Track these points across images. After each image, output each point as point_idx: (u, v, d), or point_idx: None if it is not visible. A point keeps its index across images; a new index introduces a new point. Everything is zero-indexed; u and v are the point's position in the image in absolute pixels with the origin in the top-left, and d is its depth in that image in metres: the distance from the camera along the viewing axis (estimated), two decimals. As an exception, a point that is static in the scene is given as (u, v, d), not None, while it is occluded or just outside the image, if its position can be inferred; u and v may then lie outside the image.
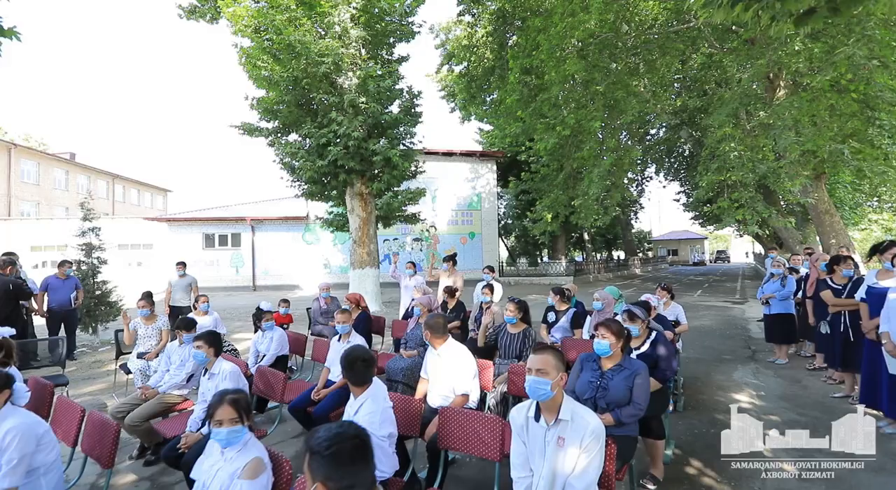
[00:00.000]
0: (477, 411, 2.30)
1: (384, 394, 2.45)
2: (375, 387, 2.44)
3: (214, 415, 1.92)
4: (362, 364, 2.39)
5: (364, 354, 2.45)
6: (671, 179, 28.37)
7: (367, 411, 2.29)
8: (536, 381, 1.89)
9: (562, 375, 1.92)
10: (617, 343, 2.60)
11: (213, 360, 3.01)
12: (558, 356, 1.96)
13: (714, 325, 9.36)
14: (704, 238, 59.28)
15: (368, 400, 2.35)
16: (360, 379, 2.40)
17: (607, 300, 4.70)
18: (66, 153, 36.09)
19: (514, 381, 3.31)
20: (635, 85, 13.96)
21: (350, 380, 2.42)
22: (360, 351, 2.47)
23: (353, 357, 2.41)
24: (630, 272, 31.15)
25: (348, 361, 2.39)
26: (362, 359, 2.41)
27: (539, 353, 1.94)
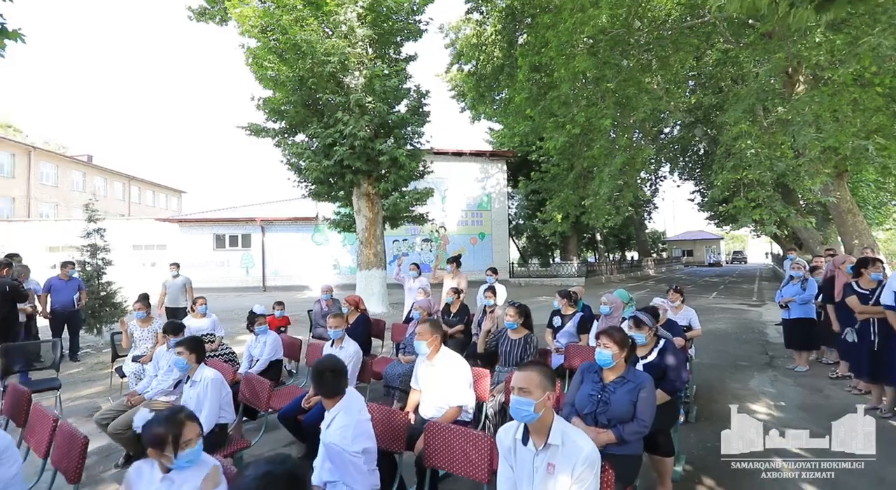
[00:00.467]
0: (465, 428, 2.12)
1: (359, 405, 2.29)
2: (349, 398, 2.28)
3: (182, 436, 1.71)
4: (331, 375, 2.23)
5: (333, 364, 2.29)
6: (685, 179, 27.80)
7: (339, 425, 2.13)
8: (519, 401, 1.71)
9: (549, 395, 1.73)
10: (620, 353, 2.40)
11: (195, 366, 2.89)
12: (545, 373, 1.78)
13: (730, 329, 9.03)
14: (720, 238, 58.17)
15: (341, 413, 2.20)
16: (330, 390, 2.25)
17: (615, 304, 4.49)
18: (83, 156, 36.76)
19: (510, 389, 3.12)
20: (647, 82, 13.62)
21: (320, 392, 2.27)
22: (329, 361, 2.31)
23: (322, 367, 2.25)
24: (643, 273, 30.61)
25: (317, 372, 2.24)
26: (331, 369, 2.25)
27: (523, 369, 1.76)
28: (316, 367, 2.25)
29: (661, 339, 3.01)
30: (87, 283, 7.61)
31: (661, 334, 3.10)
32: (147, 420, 1.79)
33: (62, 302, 6.77)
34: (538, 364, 1.80)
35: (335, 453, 2.04)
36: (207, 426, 2.71)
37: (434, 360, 2.89)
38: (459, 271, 6.82)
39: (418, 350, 2.90)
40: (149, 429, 1.71)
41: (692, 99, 17.49)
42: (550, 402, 1.74)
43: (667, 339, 3.01)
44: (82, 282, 7.18)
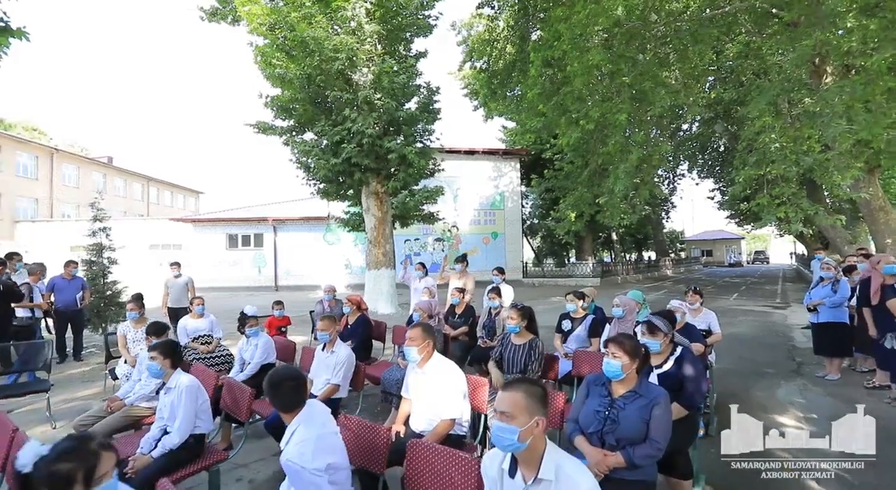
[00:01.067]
0: (448, 449, 1.87)
1: (323, 418, 2.07)
2: (310, 410, 2.05)
3: (96, 470, 1.39)
4: (291, 385, 2.00)
5: (290, 374, 2.05)
6: (705, 177, 27.04)
7: (298, 440, 1.91)
8: (500, 428, 1.46)
9: (538, 420, 1.47)
10: (631, 364, 2.12)
11: (170, 372, 2.69)
12: (534, 394, 1.51)
13: (752, 332, 8.58)
14: (741, 238, 56.57)
15: (301, 426, 1.97)
16: (286, 402, 2.01)
17: (629, 306, 4.18)
18: (104, 157, 37.52)
19: None
20: (665, 76, 13.16)
21: (275, 404, 2.04)
22: (285, 371, 2.08)
23: (278, 378, 2.02)
24: (661, 274, 29.88)
25: (271, 383, 2.01)
26: (290, 378, 2.02)
27: (507, 389, 1.50)
28: (271, 378, 2.02)
29: (678, 346, 2.71)
30: (91, 283, 7.57)
31: (678, 341, 2.80)
32: (41, 456, 1.35)
33: (65, 301, 6.72)
34: (526, 382, 1.54)
35: (293, 473, 1.81)
36: (181, 437, 2.52)
37: (425, 368, 2.65)
38: (467, 271, 6.57)
39: (408, 356, 2.66)
40: (49, 466, 1.33)
41: (712, 94, 16.91)
42: (541, 428, 1.47)
43: (684, 347, 2.71)
44: (86, 281, 7.13)
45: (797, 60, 8.66)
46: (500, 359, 3.48)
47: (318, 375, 3.43)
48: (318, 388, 3.36)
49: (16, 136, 30.67)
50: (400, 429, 2.64)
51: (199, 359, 4.96)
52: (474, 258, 22.43)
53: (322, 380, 3.38)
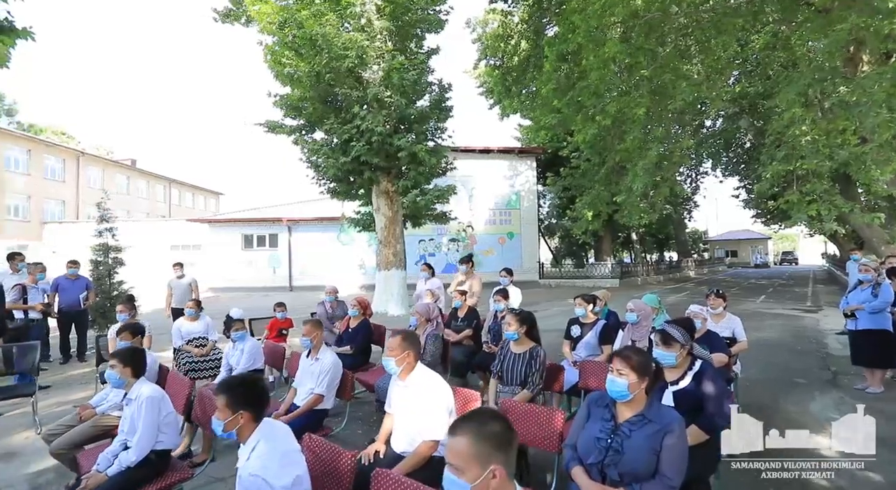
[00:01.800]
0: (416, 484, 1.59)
1: (284, 434, 1.81)
2: (271, 427, 1.80)
3: None
4: (240, 392, 1.75)
5: (244, 382, 1.80)
6: (729, 174, 26.08)
7: (260, 454, 1.68)
8: (449, 481, 1.15)
9: (494, 470, 1.14)
10: (639, 382, 1.80)
11: (131, 381, 2.48)
12: (487, 437, 1.16)
13: (781, 338, 8.04)
14: (768, 238, 54.76)
15: (261, 442, 1.72)
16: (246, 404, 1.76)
17: (644, 311, 3.82)
18: (127, 160, 38.42)
19: None
20: (686, 69, 12.60)
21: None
22: (240, 379, 1.83)
23: (229, 386, 1.78)
24: (683, 275, 28.98)
25: (222, 389, 1.76)
26: (245, 384, 1.77)
27: (453, 433, 1.17)
28: (221, 386, 1.77)
29: (697, 359, 2.37)
30: (97, 283, 7.53)
31: (698, 354, 2.45)
32: None
33: (68, 301, 6.69)
34: (475, 421, 1.18)
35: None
36: (139, 453, 2.29)
37: (407, 381, 2.37)
38: (474, 271, 6.28)
39: (387, 368, 2.39)
40: None
41: (736, 88, 16.21)
42: (499, 479, 1.14)
43: (704, 361, 2.37)
44: (90, 281, 7.08)
45: (831, 47, 8.09)
46: (501, 373, 3.17)
47: (302, 384, 3.18)
48: (301, 398, 3.12)
49: (44, 140, 31.65)
50: (380, 448, 2.36)
51: (192, 362, 4.80)
52: (489, 259, 22.08)
53: (306, 389, 3.13)
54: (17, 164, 28.03)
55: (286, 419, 2.97)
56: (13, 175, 27.58)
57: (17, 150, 28.00)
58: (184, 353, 4.88)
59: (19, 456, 3.59)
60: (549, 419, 2.34)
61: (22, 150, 28.27)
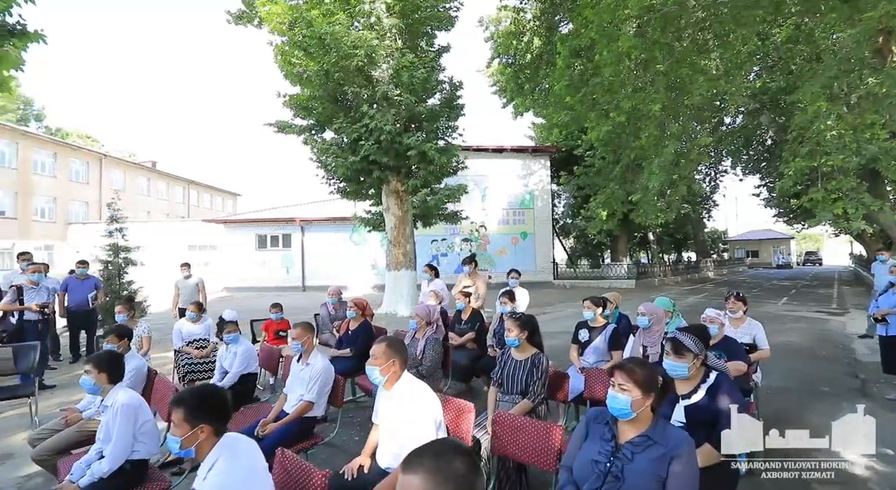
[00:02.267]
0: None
1: (249, 450, 1.68)
2: (234, 442, 1.66)
3: None
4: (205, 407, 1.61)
5: (203, 392, 1.67)
6: (749, 173, 25.33)
7: (219, 472, 1.55)
8: None
9: None
10: (643, 399, 1.62)
11: (107, 387, 2.38)
12: (452, 479, 0.89)
13: (804, 342, 7.67)
14: (790, 238, 53.13)
15: (220, 459, 1.58)
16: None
17: (656, 315, 3.60)
18: (148, 162, 39.22)
19: (499, 435, 2.36)
20: (704, 64, 12.20)
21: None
22: (198, 390, 1.69)
23: (187, 398, 1.64)
24: (702, 275, 28.27)
25: (179, 402, 1.63)
26: (204, 395, 1.63)
27: (405, 470, 0.93)
28: (178, 399, 1.64)
29: (712, 371, 2.16)
30: (107, 282, 7.57)
31: (713, 365, 2.24)
32: None
33: (77, 301, 6.72)
34: (438, 457, 0.92)
35: None
36: (112, 463, 2.19)
37: (392, 391, 2.22)
38: (477, 272, 6.11)
39: (371, 377, 2.24)
40: None
41: (757, 83, 15.68)
42: None
43: (720, 373, 2.16)
44: (99, 281, 7.12)
45: (858, 37, 7.68)
46: (501, 381, 2.99)
47: (293, 390, 3.06)
48: (290, 405, 2.99)
49: (69, 143, 32.51)
50: (365, 462, 2.22)
51: (191, 364, 4.74)
52: (503, 259, 21.85)
53: (296, 395, 3.01)
54: (44, 167, 28.87)
55: (275, 427, 2.85)
56: (40, 177, 28.41)
57: (44, 154, 28.83)
58: (183, 354, 4.82)
59: (12, 458, 3.55)
60: (546, 434, 2.16)
61: (49, 154, 29.11)
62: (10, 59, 5.92)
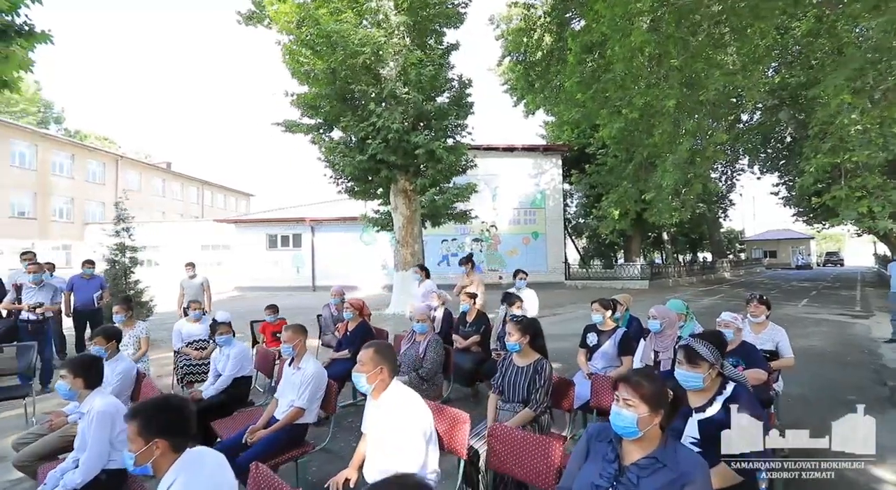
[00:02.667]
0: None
1: (211, 467, 1.55)
2: (197, 458, 1.53)
3: None
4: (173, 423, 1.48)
5: (160, 404, 1.53)
6: (767, 171, 24.67)
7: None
8: None
9: None
10: (651, 416, 1.44)
11: (84, 393, 2.27)
12: None
13: (828, 347, 7.35)
14: (810, 238, 51.77)
15: (180, 479, 1.45)
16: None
17: (668, 319, 3.39)
18: (163, 163, 39.82)
19: (496, 449, 2.19)
20: (720, 59, 11.84)
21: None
22: (155, 401, 1.55)
23: (141, 410, 1.51)
24: (718, 276, 27.65)
25: (133, 414, 1.50)
26: (161, 408, 1.50)
27: None
28: (133, 411, 1.51)
29: (729, 381, 1.97)
30: (113, 282, 7.57)
31: (729, 375, 2.05)
32: None
33: (83, 300, 6.71)
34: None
35: None
36: (86, 474, 2.08)
37: (380, 400, 2.07)
38: (474, 272, 5.94)
39: (357, 385, 2.09)
40: None
41: (776, 78, 15.22)
42: None
43: (738, 384, 1.97)
44: (105, 280, 7.11)
45: (886, 25, 7.32)
46: (502, 388, 2.82)
47: (284, 395, 2.93)
48: (281, 411, 2.87)
49: (86, 145, 33.17)
50: (351, 475, 2.07)
51: (190, 365, 4.66)
52: (514, 259, 21.62)
53: (287, 401, 2.88)
54: (62, 168, 29.49)
55: (263, 434, 2.73)
56: (58, 178, 29.01)
57: (63, 155, 29.46)
58: (182, 355, 4.75)
59: (5, 460, 3.48)
60: (545, 450, 1.99)
61: (67, 155, 29.72)
62: (16, 59, 5.94)
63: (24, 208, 27.20)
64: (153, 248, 26.50)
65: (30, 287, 5.70)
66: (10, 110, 36.87)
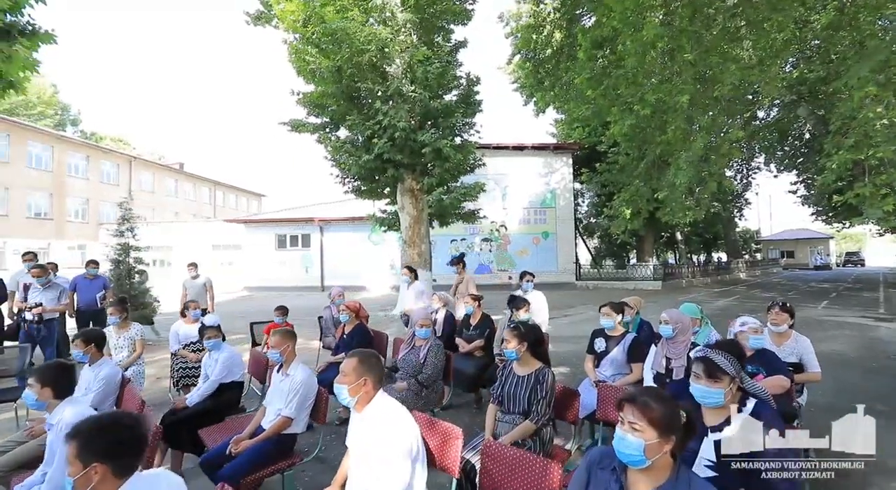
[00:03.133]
0: None
1: None
2: (146, 486, 1.38)
3: None
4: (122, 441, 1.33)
5: (101, 424, 1.38)
6: (784, 169, 24.03)
7: None
8: None
9: None
10: (661, 443, 1.25)
11: (54, 403, 2.15)
12: None
13: (850, 351, 7.02)
14: (829, 238, 50.53)
15: None
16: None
17: (681, 324, 3.16)
18: (175, 164, 40.32)
19: (489, 469, 2.00)
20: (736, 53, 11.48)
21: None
22: (96, 420, 1.40)
23: (79, 431, 1.37)
24: (733, 277, 27.04)
25: (71, 435, 1.36)
26: (102, 428, 1.35)
27: None
28: (72, 432, 1.37)
29: (749, 398, 1.77)
30: (117, 282, 7.54)
31: (750, 390, 1.84)
32: None
33: (86, 301, 6.69)
34: None
35: None
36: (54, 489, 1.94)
37: (364, 414, 1.91)
38: (464, 272, 5.77)
39: (339, 397, 1.93)
40: None
41: (794, 73, 14.77)
42: None
43: (760, 400, 1.76)
44: (108, 280, 7.08)
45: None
46: (501, 398, 2.64)
47: (272, 403, 2.79)
48: (268, 421, 2.72)
49: (101, 147, 33.73)
50: (332, 495, 1.92)
51: (186, 368, 4.56)
52: (524, 259, 21.39)
53: (274, 409, 2.73)
54: (78, 170, 30.01)
55: (248, 444, 2.58)
56: (74, 180, 29.53)
57: (78, 157, 30.00)
58: (179, 358, 4.65)
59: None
60: (542, 472, 1.80)
61: (82, 157, 30.25)
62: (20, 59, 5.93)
63: (40, 209, 27.71)
64: (165, 248, 26.79)
65: (36, 288, 5.69)
66: (29, 113, 37.66)
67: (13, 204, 25.84)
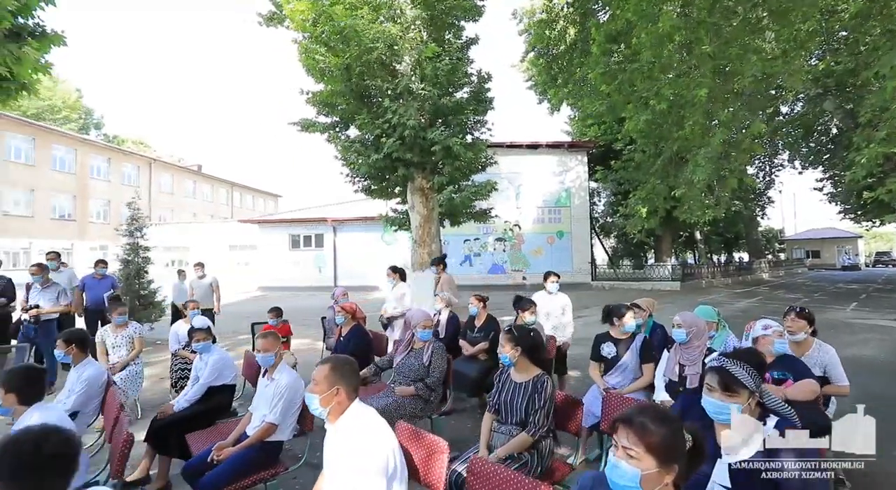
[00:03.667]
0: None
1: None
2: None
3: None
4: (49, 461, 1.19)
5: (15, 444, 1.23)
6: (809, 166, 23.14)
7: None
8: None
9: None
10: (661, 473, 1.07)
11: (20, 409, 2.05)
12: None
13: (881, 356, 6.63)
14: (858, 237, 48.74)
15: None
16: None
17: (696, 328, 2.93)
18: (194, 165, 41.03)
19: (474, 486, 1.81)
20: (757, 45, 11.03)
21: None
22: (9, 441, 1.25)
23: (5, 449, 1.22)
24: (755, 277, 26.22)
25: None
26: (9, 449, 1.21)
27: None
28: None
29: (770, 414, 1.56)
30: (126, 282, 7.57)
31: (772, 407, 1.63)
32: None
33: (94, 300, 6.72)
34: None
35: None
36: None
37: (337, 425, 1.75)
38: (444, 272, 5.61)
39: (310, 408, 1.78)
40: None
41: (820, 65, 14.18)
42: None
43: (782, 418, 1.55)
44: (116, 280, 7.11)
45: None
46: (498, 406, 2.47)
47: (258, 409, 2.66)
48: (253, 427, 2.59)
49: (122, 149, 34.51)
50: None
51: (184, 369, 4.48)
52: (538, 259, 21.08)
53: (259, 415, 2.61)
54: (99, 172, 30.77)
55: (232, 451, 2.46)
56: (96, 182, 30.27)
57: (100, 159, 30.75)
58: (178, 358, 4.58)
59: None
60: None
61: (104, 159, 31.00)
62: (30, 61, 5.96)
63: (64, 210, 28.45)
64: (182, 248, 27.21)
65: (35, 287, 5.69)
66: (54, 117, 38.76)
67: (38, 205, 26.56)
